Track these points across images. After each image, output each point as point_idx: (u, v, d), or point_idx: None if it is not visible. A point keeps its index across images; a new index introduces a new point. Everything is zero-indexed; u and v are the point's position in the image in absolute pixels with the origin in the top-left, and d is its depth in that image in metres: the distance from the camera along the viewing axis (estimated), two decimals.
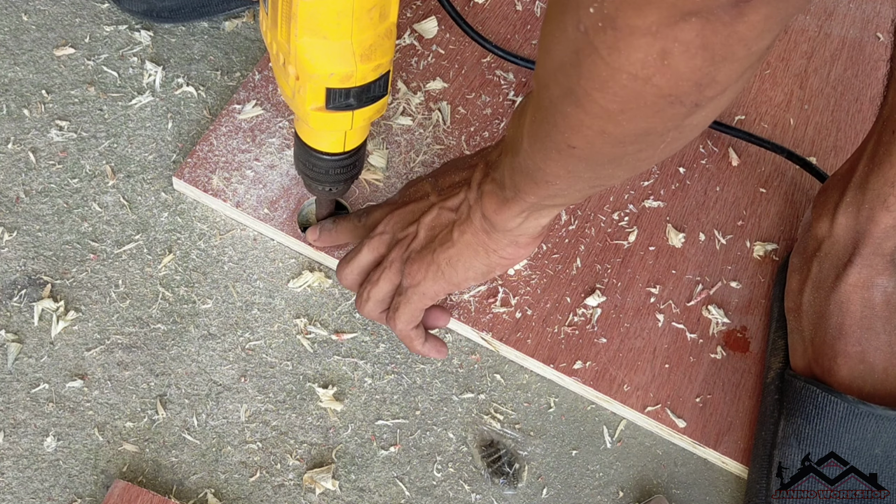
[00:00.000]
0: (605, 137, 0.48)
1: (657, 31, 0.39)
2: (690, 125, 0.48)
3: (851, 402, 0.73)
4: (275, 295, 0.84)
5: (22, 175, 0.87)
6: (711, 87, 0.43)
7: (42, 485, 0.75)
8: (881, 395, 0.76)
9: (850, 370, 0.76)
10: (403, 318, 0.75)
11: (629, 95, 0.44)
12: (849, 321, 0.77)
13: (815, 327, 0.79)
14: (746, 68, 0.43)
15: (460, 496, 0.78)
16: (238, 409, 0.79)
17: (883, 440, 0.73)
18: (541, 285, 0.86)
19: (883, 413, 0.73)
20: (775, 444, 0.77)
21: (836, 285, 0.78)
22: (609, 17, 0.40)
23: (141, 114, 0.92)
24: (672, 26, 0.39)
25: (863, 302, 0.77)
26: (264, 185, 0.87)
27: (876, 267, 0.77)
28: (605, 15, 0.40)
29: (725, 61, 0.41)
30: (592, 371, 0.83)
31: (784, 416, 0.77)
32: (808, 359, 0.79)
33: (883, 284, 0.77)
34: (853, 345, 0.76)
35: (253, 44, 0.98)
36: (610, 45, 0.41)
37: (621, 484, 0.81)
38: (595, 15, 0.41)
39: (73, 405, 0.78)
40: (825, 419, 0.74)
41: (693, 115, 0.46)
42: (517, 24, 1.02)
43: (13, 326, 0.80)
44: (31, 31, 0.95)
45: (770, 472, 0.76)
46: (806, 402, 0.75)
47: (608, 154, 0.51)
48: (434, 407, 0.82)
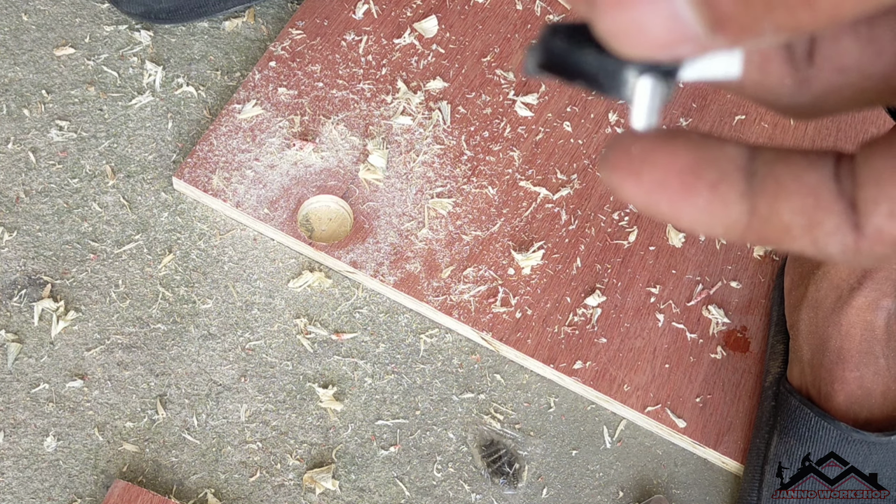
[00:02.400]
0: None
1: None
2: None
3: (845, 430, 0.73)
4: (275, 295, 0.84)
5: (22, 175, 0.87)
6: None
7: (42, 485, 0.75)
8: (878, 420, 0.76)
9: (848, 396, 0.76)
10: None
11: None
12: (848, 345, 0.77)
13: (814, 350, 0.78)
14: None
15: (460, 496, 0.78)
16: (238, 409, 0.79)
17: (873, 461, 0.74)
18: (541, 285, 0.86)
19: (876, 440, 0.73)
20: (766, 460, 0.77)
21: (837, 308, 0.78)
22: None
23: (141, 114, 0.92)
24: None
25: (864, 325, 0.77)
26: (264, 185, 0.87)
27: (884, 290, 0.77)
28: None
29: None
30: (592, 371, 0.83)
31: (777, 433, 0.77)
32: (805, 380, 0.79)
33: (887, 307, 0.77)
34: (851, 370, 0.76)
35: (253, 44, 0.98)
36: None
37: (621, 484, 0.81)
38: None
39: (73, 405, 0.78)
40: (817, 443, 0.74)
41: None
42: (517, 24, 1.02)
43: (13, 326, 0.80)
44: (31, 31, 0.95)
45: (761, 486, 0.77)
46: (799, 423, 0.76)
47: None
48: (434, 407, 0.82)
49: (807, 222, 0.22)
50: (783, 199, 0.22)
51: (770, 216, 0.22)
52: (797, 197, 0.22)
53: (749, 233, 0.22)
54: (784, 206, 0.22)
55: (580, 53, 0.21)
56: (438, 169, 0.91)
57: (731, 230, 0.22)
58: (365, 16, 0.98)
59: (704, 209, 0.22)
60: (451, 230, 0.88)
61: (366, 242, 0.86)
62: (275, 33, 0.99)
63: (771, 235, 0.22)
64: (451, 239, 0.87)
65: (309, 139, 0.90)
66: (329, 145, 0.90)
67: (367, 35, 0.97)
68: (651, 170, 0.21)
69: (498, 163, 0.92)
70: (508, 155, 0.92)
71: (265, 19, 0.99)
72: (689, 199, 0.22)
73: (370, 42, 0.97)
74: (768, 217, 0.22)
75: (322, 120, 0.92)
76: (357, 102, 0.93)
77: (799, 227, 0.22)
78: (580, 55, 0.21)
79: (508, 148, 0.93)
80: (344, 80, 0.94)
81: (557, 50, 0.21)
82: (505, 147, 0.93)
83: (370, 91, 0.94)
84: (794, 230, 0.22)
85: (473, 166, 0.91)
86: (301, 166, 0.89)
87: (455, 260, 0.86)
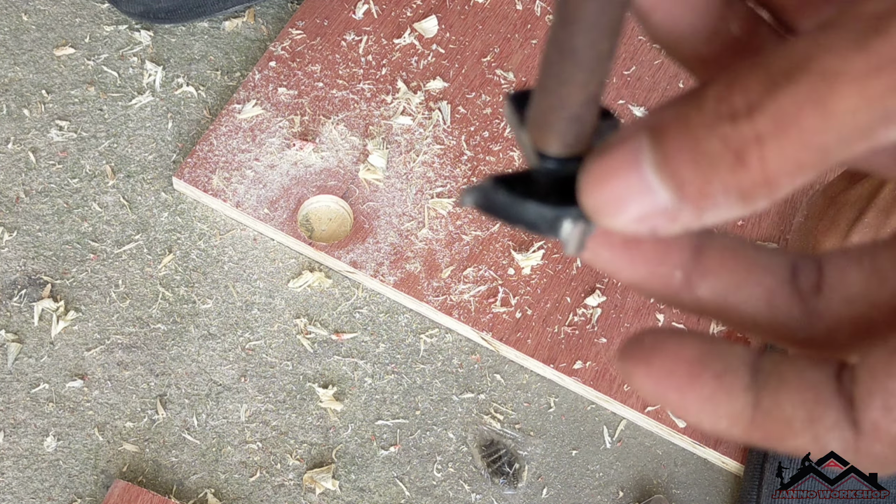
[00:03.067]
0: None
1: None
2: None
3: None
4: (275, 295, 0.84)
5: (22, 175, 0.87)
6: None
7: (42, 485, 0.75)
8: None
9: None
10: None
11: None
12: None
13: None
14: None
15: (460, 496, 0.78)
16: (238, 409, 0.79)
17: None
18: (541, 285, 0.86)
19: None
20: (766, 458, 0.77)
21: None
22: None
23: (141, 114, 0.92)
24: None
25: None
26: (264, 185, 0.87)
27: None
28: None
29: None
30: (592, 371, 0.83)
31: None
32: None
33: None
34: None
35: (253, 44, 0.98)
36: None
37: (621, 484, 0.81)
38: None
39: (73, 405, 0.78)
40: None
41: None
42: (517, 24, 1.02)
43: (13, 326, 0.80)
44: (31, 31, 0.95)
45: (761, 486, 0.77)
46: None
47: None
48: (434, 407, 0.82)
49: (807, 416, 0.23)
50: (785, 393, 0.23)
51: (772, 409, 0.23)
52: (798, 391, 0.23)
53: (753, 428, 0.23)
54: (786, 399, 0.23)
55: (521, 207, 0.23)
56: (438, 169, 0.91)
57: (736, 423, 0.23)
58: (365, 16, 0.98)
59: (709, 399, 0.23)
60: (451, 230, 0.88)
61: (366, 242, 0.86)
62: (275, 33, 0.99)
63: (773, 430, 0.23)
64: (451, 239, 0.87)
65: (309, 139, 0.90)
66: (329, 145, 0.90)
67: (367, 35, 0.97)
68: (661, 357, 0.23)
69: (498, 163, 0.92)
70: (508, 155, 0.92)
71: (265, 19, 0.99)
72: (695, 387, 0.23)
73: (370, 42, 0.97)
74: (770, 410, 0.23)
75: (322, 120, 0.92)
76: (357, 102, 0.93)
77: (800, 420, 0.23)
78: (521, 207, 0.23)
79: (508, 148, 0.93)
80: (344, 80, 0.94)
81: (499, 202, 0.24)
82: (505, 147, 0.93)
83: (370, 91, 0.94)
84: (796, 424, 0.23)
85: (473, 166, 0.91)
86: (301, 166, 0.89)
87: (455, 260, 0.86)
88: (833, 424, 0.23)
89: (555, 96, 0.22)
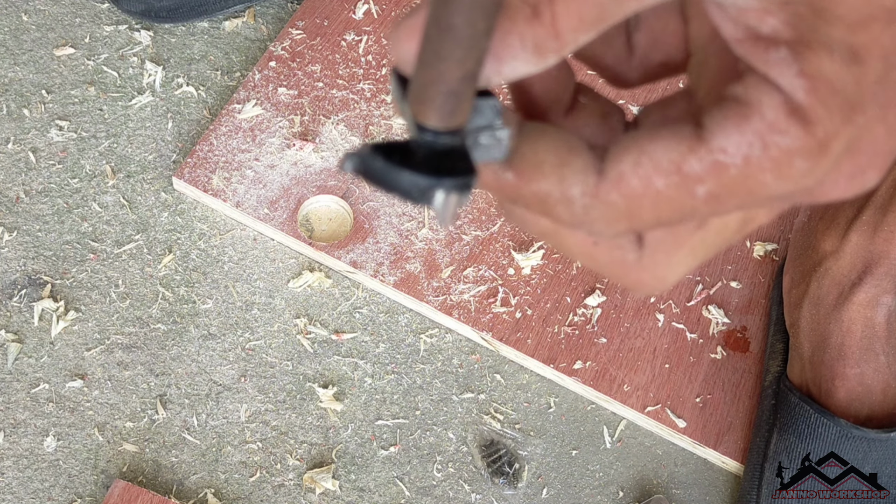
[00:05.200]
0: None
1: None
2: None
3: (844, 427, 0.73)
4: (275, 295, 0.84)
5: (22, 175, 0.87)
6: None
7: (42, 485, 0.75)
8: (879, 417, 0.76)
9: (848, 392, 0.76)
10: None
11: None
12: (849, 342, 0.76)
13: (815, 347, 0.78)
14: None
15: (460, 496, 0.78)
16: (238, 409, 0.79)
17: (873, 458, 0.74)
18: (541, 285, 0.86)
19: (875, 436, 0.73)
20: (766, 458, 0.77)
21: (838, 304, 0.77)
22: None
23: (141, 114, 0.92)
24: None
25: (865, 321, 0.76)
26: (264, 185, 0.87)
27: (884, 286, 0.77)
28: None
29: None
30: (592, 371, 0.83)
31: (777, 430, 0.77)
32: (805, 377, 0.79)
33: (888, 303, 0.76)
34: (852, 366, 0.76)
35: (253, 44, 0.98)
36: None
37: (621, 484, 0.81)
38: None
39: (73, 405, 0.78)
40: (817, 440, 0.74)
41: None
42: None
43: (13, 326, 0.80)
44: (31, 31, 0.95)
45: (761, 486, 0.77)
46: (799, 420, 0.76)
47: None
48: (434, 407, 0.82)
49: (557, 161, 0.25)
50: (542, 141, 0.26)
51: (527, 153, 0.26)
52: (553, 140, 0.26)
53: (506, 165, 0.26)
54: (541, 146, 0.26)
55: (397, 175, 0.24)
56: None
57: (498, 176, 0.26)
58: (365, 16, 0.98)
59: None
60: (451, 230, 0.88)
61: (366, 242, 0.86)
62: (275, 33, 0.99)
63: (525, 170, 0.26)
64: (451, 239, 0.87)
65: (309, 139, 0.90)
66: (329, 145, 0.90)
67: (367, 35, 0.97)
68: None
69: None
70: None
71: (265, 19, 0.99)
72: None
73: (370, 42, 0.97)
74: (525, 153, 0.26)
75: (322, 120, 0.92)
76: (357, 102, 0.93)
77: (549, 164, 0.26)
78: (397, 175, 0.24)
79: None
80: (344, 80, 0.94)
81: (376, 168, 0.25)
82: None
83: (370, 91, 0.94)
84: (545, 167, 0.25)
85: None
86: (301, 166, 0.89)
87: (455, 260, 0.86)
88: (580, 169, 0.25)
89: (433, 71, 0.23)
